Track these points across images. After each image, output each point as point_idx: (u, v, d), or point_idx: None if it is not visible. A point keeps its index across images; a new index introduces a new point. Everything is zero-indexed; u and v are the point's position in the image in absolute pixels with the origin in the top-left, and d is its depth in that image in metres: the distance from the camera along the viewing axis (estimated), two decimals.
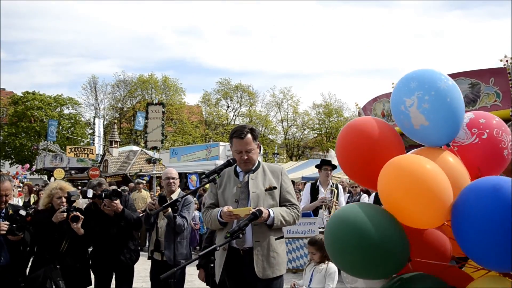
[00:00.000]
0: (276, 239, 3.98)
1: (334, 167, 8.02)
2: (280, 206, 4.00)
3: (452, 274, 2.39)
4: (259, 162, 4.18)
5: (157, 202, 5.42)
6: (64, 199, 5.04)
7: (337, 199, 7.83)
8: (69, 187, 5.27)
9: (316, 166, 8.54)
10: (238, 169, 4.16)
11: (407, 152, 2.62)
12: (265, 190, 3.98)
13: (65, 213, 4.89)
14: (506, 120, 10.54)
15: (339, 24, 77.18)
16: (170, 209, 4.82)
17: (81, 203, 5.50)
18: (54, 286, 4.68)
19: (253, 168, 4.10)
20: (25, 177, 27.97)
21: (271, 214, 3.80)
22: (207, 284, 5.47)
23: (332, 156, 22.71)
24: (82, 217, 4.99)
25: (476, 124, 2.53)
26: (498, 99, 10.38)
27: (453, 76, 11.01)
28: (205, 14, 76.72)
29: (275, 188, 4.02)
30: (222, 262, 3.92)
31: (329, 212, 7.75)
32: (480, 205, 2.01)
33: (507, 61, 10.02)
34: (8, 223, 4.46)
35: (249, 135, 3.98)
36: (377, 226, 2.18)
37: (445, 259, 2.38)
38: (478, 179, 2.20)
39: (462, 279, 2.37)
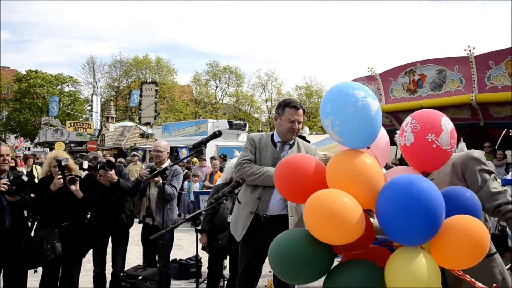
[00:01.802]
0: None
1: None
2: None
3: (379, 255, 2.60)
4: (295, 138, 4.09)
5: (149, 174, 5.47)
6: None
7: None
8: (63, 154, 5.15)
9: None
10: (276, 138, 4.04)
11: None
12: None
13: (62, 179, 4.83)
14: (467, 104, 10.70)
15: (320, 13, 76.68)
16: (160, 180, 4.84)
17: (79, 171, 5.46)
18: (50, 248, 4.66)
19: (290, 143, 4.03)
20: (28, 149, 27.62)
21: None
22: (205, 248, 5.55)
23: (306, 132, 22.83)
24: (78, 178, 4.95)
25: (412, 124, 2.64)
26: (461, 85, 10.50)
27: (423, 62, 11.12)
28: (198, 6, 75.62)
29: None
30: (248, 224, 3.87)
31: None
32: (398, 196, 2.27)
33: (470, 50, 10.11)
34: (8, 183, 4.37)
35: (301, 109, 3.94)
36: (302, 248, 2.47)
37: (368, 243, 2.64)
38: (396, 177, 2.39)
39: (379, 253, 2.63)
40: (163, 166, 5.55)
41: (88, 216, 5.46)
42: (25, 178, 4.78)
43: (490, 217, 2.92)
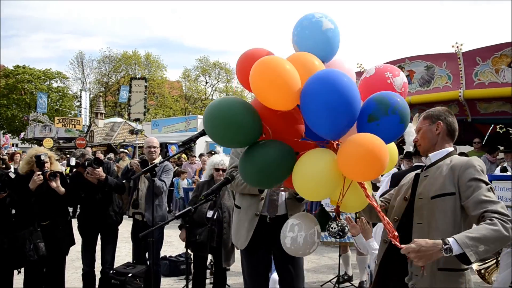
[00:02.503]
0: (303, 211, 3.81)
1: None
2: None
3: (302, 145, 2.77)
4: None
5: (139, 165, 5.45)
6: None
7: None
8: (42, 151, 5.00)
9: None
10: None
11: None
12: None
13: (41, 175, 4.72)
14: (455, 100, 10.73)
15: (310, 10, 76.65)
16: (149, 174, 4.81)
17: (59, 167, 5.37)
18: (33, 248, 4.58)
19: None
20: (16, 146, 27.35)
21: None
22: (186, 245, 5.46)
23: None
24: (59, 174, 4.86)
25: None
26: (449, 81, 10.55)
27: (411, 58, 11.16)
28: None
29: None
30: (253, 228, 3.70)
31: None
32: (318, 89, 2.42)
33: (457, 47, 10.16)
34: None
35: None
36: (235, 109, 2.59)
37: (298, 136, 2.76)
38: (319, 71, 2.54)
39: (307, 148, 2.76)
40: (155, 162, 5.53)
41: (77, 213, 5.41)
42: (12, 175, 4.69)
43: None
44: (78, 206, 5.59)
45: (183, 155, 15.82)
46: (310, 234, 2.85)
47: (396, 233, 2.46)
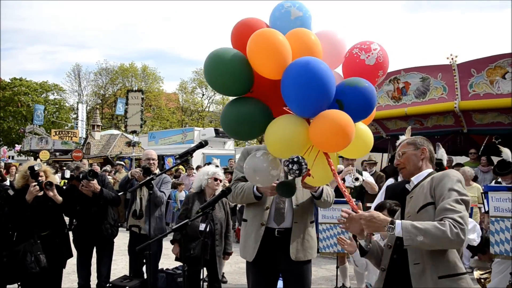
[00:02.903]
0: (310, 223, 3.73)
1: None
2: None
3: (281, 113, 3.05)
4: None
5: (141, 173, 5.41)
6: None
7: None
8: (37, 162, 4.99)
9: None
10: None
11: None
12: None
13: (38, 186, 4.67)
14: (450, 111, 10.76)
15: None
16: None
17: (57, 179, 5.34)
18: (34, 260, 4.56)
19: None
20: (12, 158, 27.24)
21: (321, 187, 3.55)
22: (179, 258, 5.42)
23: None
24: (55, 182, 4.83)
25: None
26: (444, 92, 10.60)
27: (407, 70, 11.22)
28: (184, 8, 75.79)
29: None
30: (260, 238, 3.60)
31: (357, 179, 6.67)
32: (296, 72, 2.75)
33: (452, 58, 10.24)
34: None
35: None
36: (236, 62, 2.92)
37: (280, 103, 3.03)
38: (299, 58, 2.82)
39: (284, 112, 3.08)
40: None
41: (73, 226, 5.38)
42: (10, 192, 4.66)
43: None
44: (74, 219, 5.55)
45: (181, 167, 15.79)
46: (271, 168, 3.10)
47: (353, 200, 2.89)
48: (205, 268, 5.07)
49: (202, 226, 5.01)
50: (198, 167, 14.60)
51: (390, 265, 2.82)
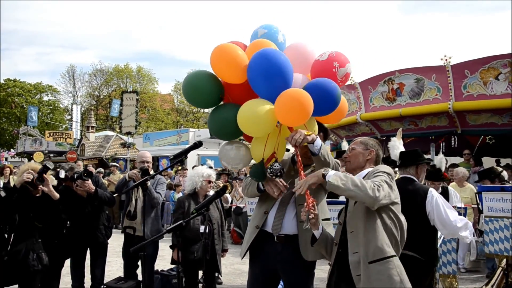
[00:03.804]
0: (322, 220, 3.53)
1: None
2: None
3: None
4: None
5: (140, 175, 5.33)
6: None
7: None
8: (39, 167, 4.86)
9: None
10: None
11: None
12: None
13: (31, 175, 4.54)
14: (444, 112, 10.81)
15: (299, 23, 77.42)
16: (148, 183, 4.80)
17: (54, 182, 5.29)
18: (36, 258, 4.52)
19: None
20: (5, 160, 27.09)
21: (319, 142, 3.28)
22: (176, 262, 5.36)
23: None
24: (53, 184, 4.77)
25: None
26: (438, 93, 10.65)
27: (401, 71, 11.26)
28: (178, 10, 75.71)
29: None
30: (251, 239, 3.62)
31: None
32: (256, 61, 3.17)
33: (446, 60, 10.28)
34: None
35: None
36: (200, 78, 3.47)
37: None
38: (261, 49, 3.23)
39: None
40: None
41: (67, 226, 5.34)
42: (2, 194, 4.60)
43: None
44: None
45: (174, 168, 15.74)
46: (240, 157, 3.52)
47: (303, 173, 3.15)
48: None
49: (202, 228, 5.01)
50: (193, 168, 14.57)
51: (336, 259, 3.11)
